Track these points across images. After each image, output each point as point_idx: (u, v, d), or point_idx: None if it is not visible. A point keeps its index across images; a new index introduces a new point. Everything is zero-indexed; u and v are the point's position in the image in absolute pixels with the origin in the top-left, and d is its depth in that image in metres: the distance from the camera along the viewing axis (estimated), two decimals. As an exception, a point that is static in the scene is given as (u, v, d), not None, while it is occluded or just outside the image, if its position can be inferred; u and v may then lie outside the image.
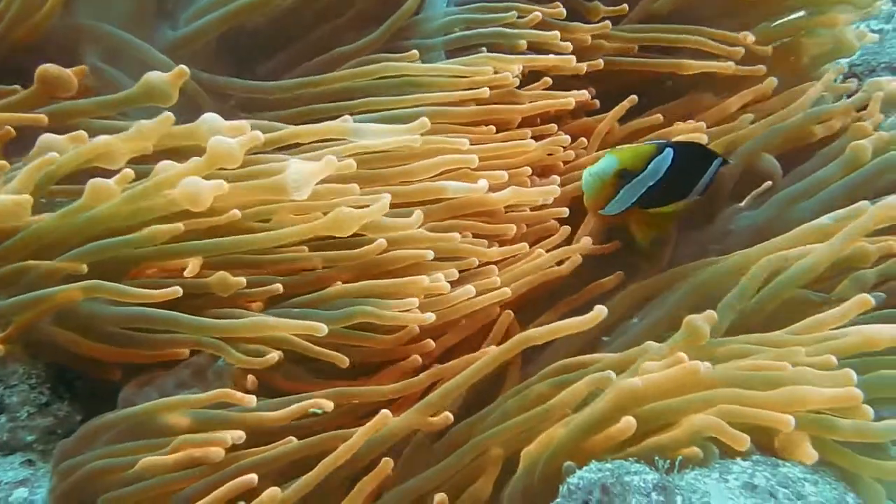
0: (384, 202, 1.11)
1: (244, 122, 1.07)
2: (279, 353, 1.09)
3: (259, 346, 1.09)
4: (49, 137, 1.09)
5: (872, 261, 1.19)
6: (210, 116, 1.06)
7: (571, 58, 1.47)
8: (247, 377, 1.10)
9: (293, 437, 1.03)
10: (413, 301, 1.15)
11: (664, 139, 1.46)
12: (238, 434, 0.98)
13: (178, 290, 1.04)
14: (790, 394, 0.90)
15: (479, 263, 1.27)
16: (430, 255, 1.18)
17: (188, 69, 1.15)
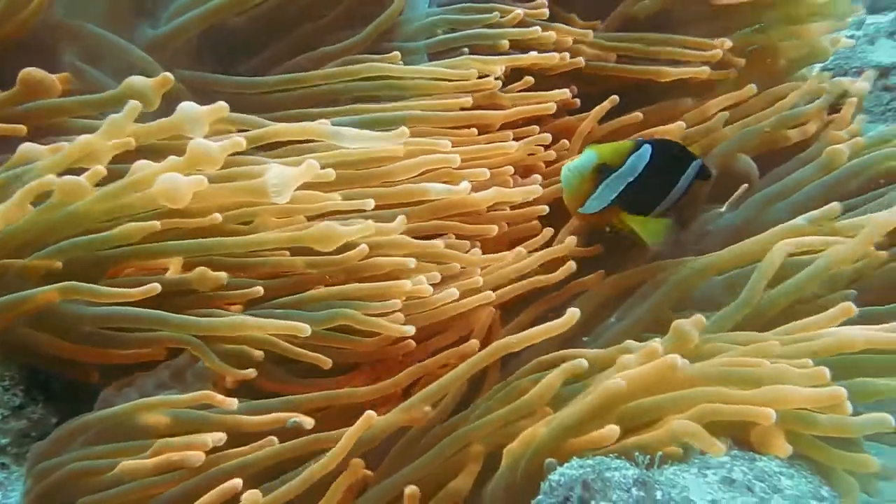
0: (369, 225, 1.11)
1: (222, 105, 1.04)
2: (261, 354, 1.09)
3: (240, 348, 1.08)
4: (29, 147, 1.07)
5: (848, 264, 1.21)
6: (188, 105, 1.04)
7: (554, 55, 1.48)
8: (227, 377, 1.10)
9: (274, 438, 1.02)
10: (395, 303, 1.15)
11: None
12: (218, 436, 0.97)
13: (157, 287, 1.02)
14: (772, 393, 0.92)
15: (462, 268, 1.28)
16: (412, 264, 1.18)
17: (171, 75, 1.14)
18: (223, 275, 1.09)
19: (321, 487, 1.02)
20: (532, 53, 1.48)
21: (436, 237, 1.29)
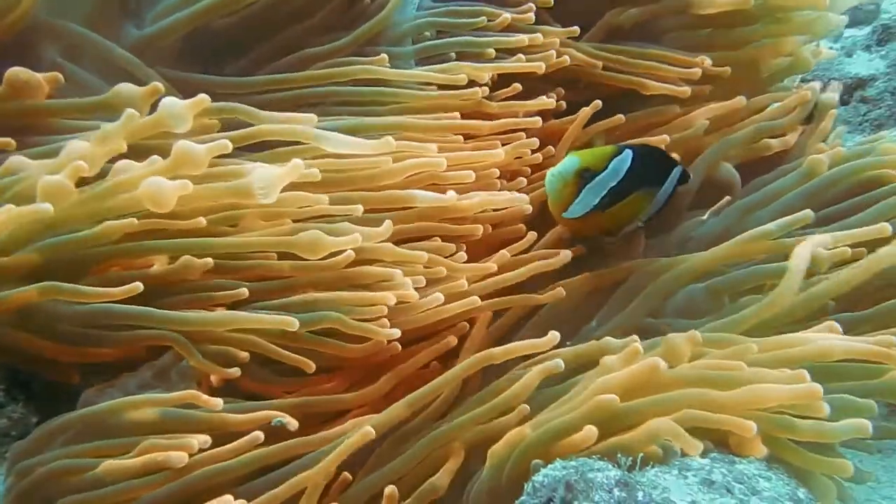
0: (356, 237, 1.11)
1: (204, 97, 1.03)
2: (246, 355, 1.08)
3: (225, 349, 1.08)
4: (18, 160, 1.05)
5: (825, 268, 1.23)
6: (170, 101, 1.03)
7: (541, 64, 1.49)
8: (211, 377, 1.09)
9: (260, 434, 1.02)
10: (381, 309, 1.16)
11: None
12: (203, 438, 0.97)
13: (139, 286, 1.01)
14: (750, 393, 0.94)
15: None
16: (399, 274, 1.18)
17: (161, 85, 1.14)
18: (209, 261, 1.08)
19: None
20: (519, 56, 1.49)
21: (421, 239, 1.30)
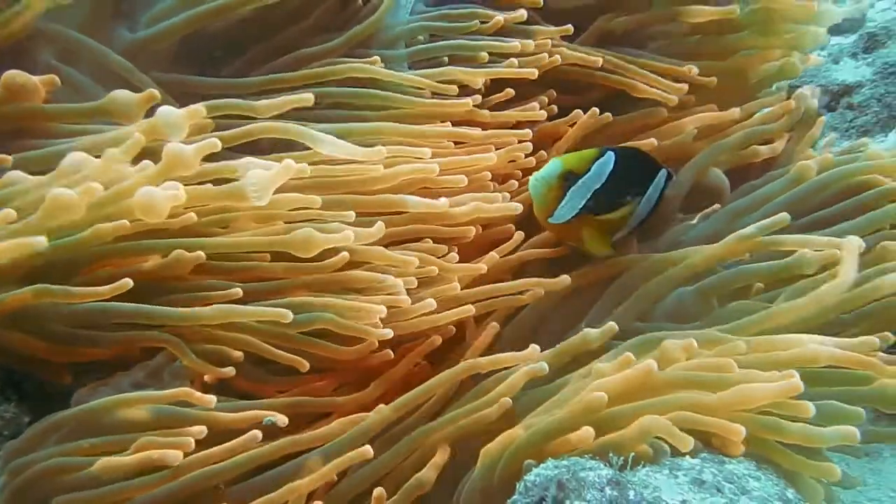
0: (348, 234, 1.11)
1: (199, 107, 1.04)
2: (240, 354, 1.09)
3: (218, 348, 1.08)
4: (15, 175, 1.04)
5: (812, 270, 1.25)
6: (166, 110, 1.03)
7: (533, 70, 1.49)
8: (204, 377, 1.10)
9: (258, 433, 1.02)
10: (375, 313, 1.16)
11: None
12: (199, 429, 0.97)
13: (129, 283, 1.00)
14: (737, 394, 0.95)
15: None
16: (391, 280, 1.19)
17: (157, 92, 1.14)
18: (200, 254, 1.08)
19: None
20: (511, 61, 1.50)
21: (413, 241, 1.30)
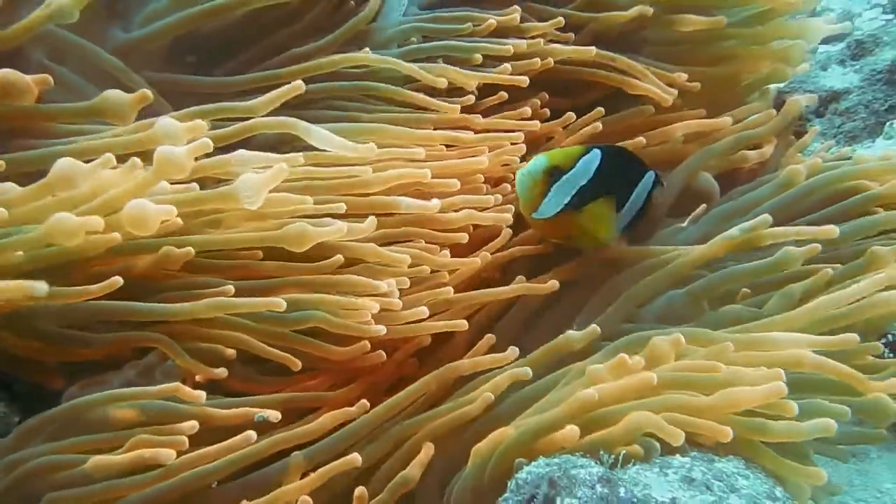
0: (341, 226, 1.11)
1: (201, 123, 1.03)
2: (233, 352, 1.09)
3: (212, 346, 1.08)
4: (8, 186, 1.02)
5: (798, 265, 1.28)
6: (165, 120, 1.03)
7: (524, 78, 1.50)
8: (195, 376, 1.09)
9: (252, 433, 1.03)
10: (368, 310, 1.16)
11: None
12: (191, 424, 0.98)
13: (119, 280, 0.99)
14: (725, 397, 0.96)
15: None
16: (384, 288, 1.18)
17: (150, 93, 1.13)
18: (190, 250, 1.07)
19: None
20: (505, 66, 1.50)
21: (405, 242, 1.30)
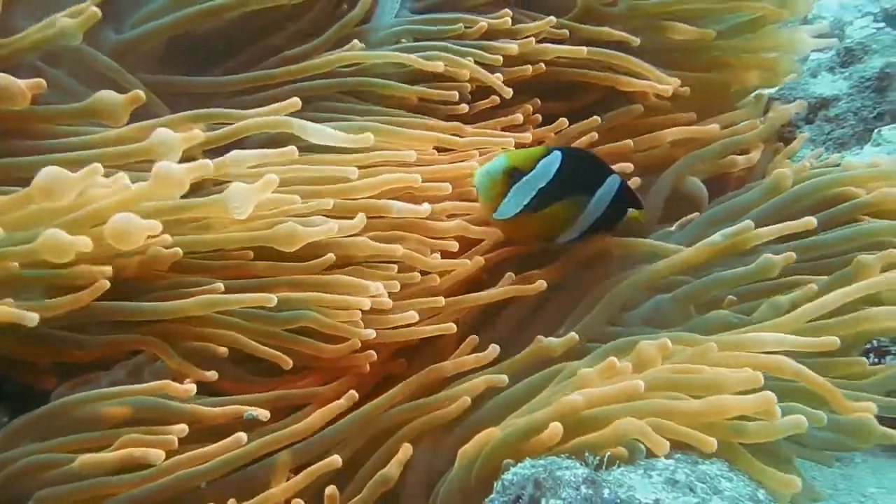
0: (332, 226, 1.11)
1: (197, 133, 1.04)
2: (225, 350, 1.10)
3: (202, 345, 1.09)
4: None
5: (776, 272, 1.29)
6: (161, 131, 1.02)
7: (509, 90, 1.51)
8: (185, 377, 1.10)
9: (243, 435, 1.03)
10: (356, 312, 1.17)
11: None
12: (181, 427, 0.98)
13: (105, 284, 0.99)
14: (711, 405, 0.97)
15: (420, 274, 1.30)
16: (376, 287, 1.19)
17: (142, 93, 1.14)
18: (178, 251, 1.07)
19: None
20: (497, 76, 1.51)
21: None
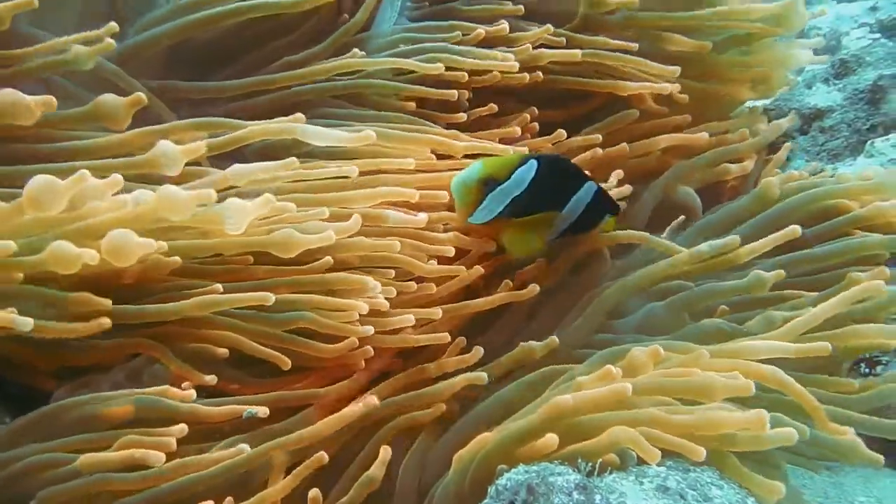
0: (329, 234, 1.12)
1: (200, 145, 1.04)
2: (225, 351, 1.11)
3: (202, 347, 1.10)
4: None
5: (767, 289, 1.32)
6: (164, 143, 1.03)
7: (515, 64, 1.51)
8: (184, 379, 1.11)
9: (246, 447, 1.05)
10: (356, 309, 1.18)
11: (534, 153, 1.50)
12: (180, 427, 0.99)
13: (107, 323, 1.00)
14: (704, 419, 0.98)
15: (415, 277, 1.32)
16: (373, 284, 1.20)
17: (144, 96, 1.15)
18: (177, 259, 1.08)
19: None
20: (494, 74, 1.53)
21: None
